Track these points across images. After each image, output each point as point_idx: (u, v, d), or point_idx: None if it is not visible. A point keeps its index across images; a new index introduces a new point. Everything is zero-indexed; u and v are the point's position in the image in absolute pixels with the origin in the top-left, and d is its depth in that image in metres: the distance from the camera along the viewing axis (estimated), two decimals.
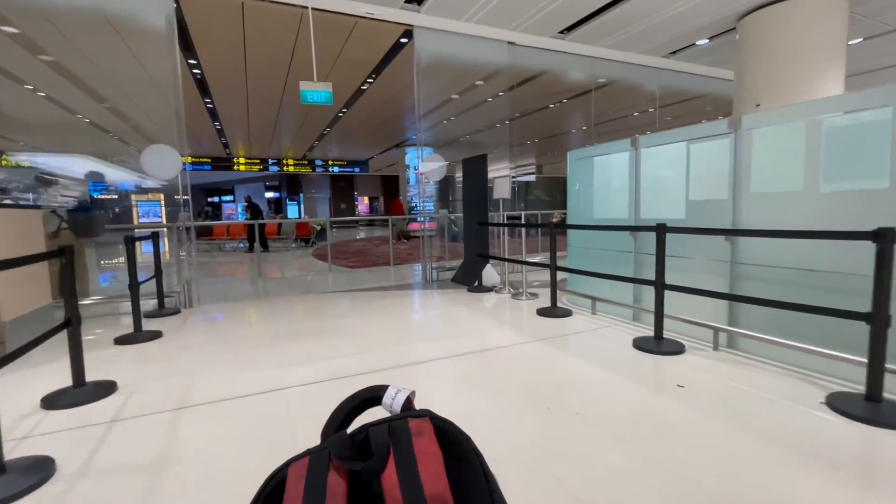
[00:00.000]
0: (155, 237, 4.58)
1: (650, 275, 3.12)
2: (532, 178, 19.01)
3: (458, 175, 6.31)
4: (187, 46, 6.36)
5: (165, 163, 4.73)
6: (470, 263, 5.88)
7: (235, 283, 6.54)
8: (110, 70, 6.60)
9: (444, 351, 3.07)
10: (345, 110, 10.41)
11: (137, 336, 3.53)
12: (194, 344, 3.47)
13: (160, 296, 4.57)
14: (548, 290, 5.07)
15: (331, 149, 17.09)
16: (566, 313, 4.03)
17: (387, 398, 0.60)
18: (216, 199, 31.76)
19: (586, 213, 4.31)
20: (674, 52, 7.18)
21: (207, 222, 15.25)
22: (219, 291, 5.81)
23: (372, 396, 0.61)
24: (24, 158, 13.99)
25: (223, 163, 17.62)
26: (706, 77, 7.98)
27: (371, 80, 8.14)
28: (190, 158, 17.06)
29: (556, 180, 23.59)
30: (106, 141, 10.43)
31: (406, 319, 4.13)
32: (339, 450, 0.53)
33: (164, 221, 6.16)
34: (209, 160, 17.32)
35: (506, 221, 5.22)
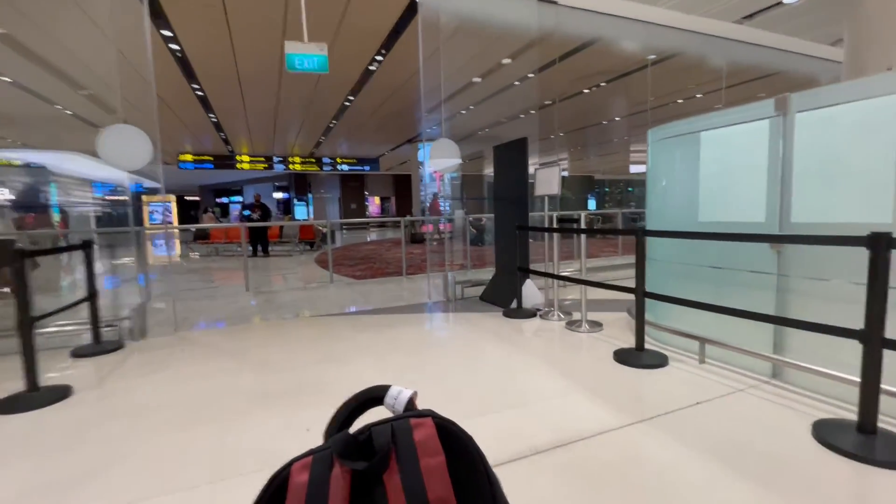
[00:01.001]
0: (86, 248, 3.41)
1: (813, 309, 1.85)
2: (565, 173, 17.70)
3: (474, 171, 5.03)
4: (156, 13, 5.23)
5: (130, 148, 3.60)
6: (504, 277, 4.62)
7: (214, 300, 5.39)
8: (69, 41, 5.53)
9: (496, 446, 1.83)
10: (352, 98, 9.25)
11: (20, 401, 2.36)
12: (104, 417, 2.28)
13: (95, 326, 3.41)
14: (610, 314, 3.79)
15: (339, 145, 15.98)
16: (660, 360, 2.76)
17: (389, 398, 0.60)
18: (225, 199, 31.10)
19: (682, 214, 3.03)
20: (750, 16, 5.84)
21: (193, 225, 14.24)
22: (188, 311, 4.66)
23: (374, 396, 0.61)
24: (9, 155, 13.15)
25: (226, 161, 16.64)
26: (785, 52, 6.59)
27: (380, 59, 6.95)
28: (190, 156, 16.13)
29: (575, 178, 22.19)
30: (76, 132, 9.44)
31: (423, 369, 2.89)
32: (342, 449, 0.53)
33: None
34: (211, 158, 16.36)
35: (555, 225, 3.95)
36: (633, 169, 19.62)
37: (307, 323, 4.09)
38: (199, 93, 8.38)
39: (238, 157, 16.80)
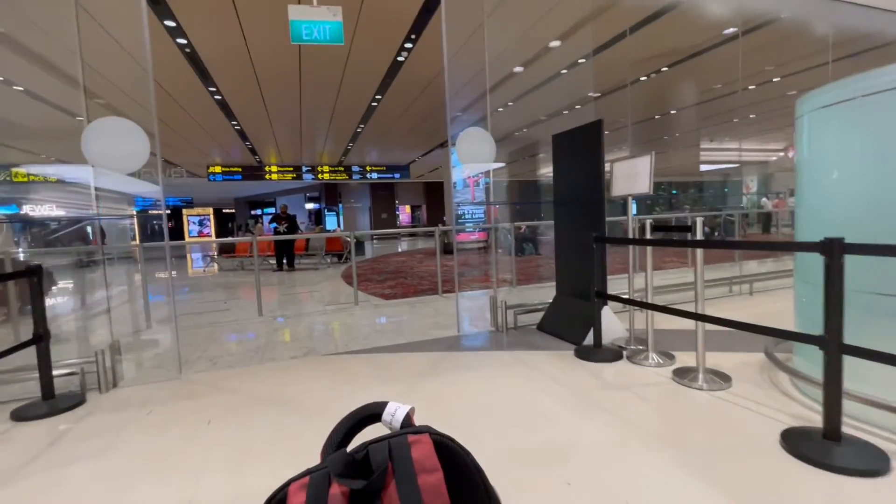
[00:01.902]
0: (33, 276, 2.62)
1: None
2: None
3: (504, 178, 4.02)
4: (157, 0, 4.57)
5: (122, 146, 2.87)
6: (570, 302, 3.59)
7: (218, 329, 4.60)
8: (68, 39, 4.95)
9: None
10: (379, 97, 8.47)
11: None
12: None
13: (44, 377, 2.62)
14: (729, 357, 2.69)
15: (368, 152, 15.35)
16: (877, 462, 1.66)
17: (386, 415, 0.59)
18: (259, 211, 31.34)
19: (869, 219, 1.93)
20: None
21: (202, 240, 13.79)
22: (183, 345, 3.86)
23: (372, 413, 0.60)
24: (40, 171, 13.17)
25: (254, 171, 16.33)
26: None
27: (409, 47, 6.10)
28: (220, 168, 15.90)
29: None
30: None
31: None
32: (339, 468, 0.52)
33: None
34: (240, 169, 16.08)
35: (650, 234, 2.87)
36: (704, 168, 18.00)
37: (320, 366, 3.19)
38: (218, 97, 7.82)
39: (267, 168, 16.46)
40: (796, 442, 1.78)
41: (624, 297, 3.11)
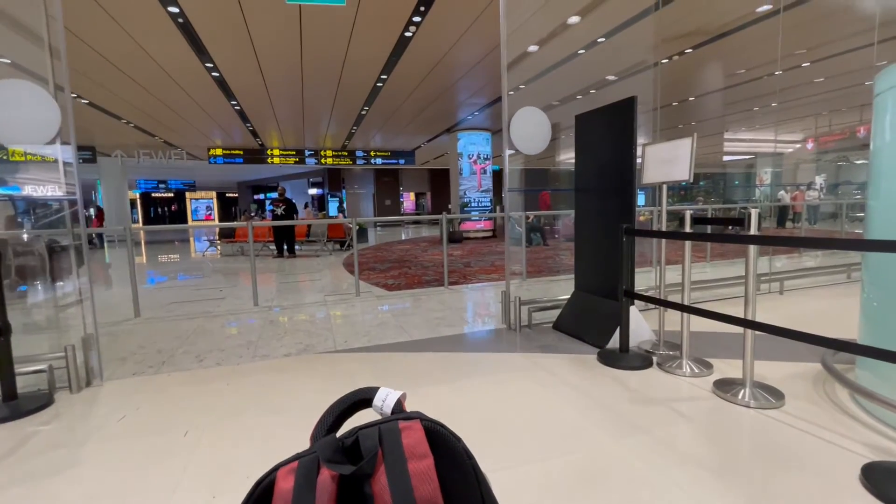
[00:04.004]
0: None
1: None
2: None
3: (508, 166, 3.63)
4: None
5: (24, 113, 2.51)
6: (591, 301, 3.27)
7: (210, 320, 4.32)
8: None
9: None
10: (384, 77, 8.06)
11: None
12: None
13: (4, 377, 2.33)
14: (774, 366, 2.37)
15: (372, 136, 14.92)
16: None
17: (377, 400, 0.59)
18: (262, 196, 31.02)
19: None
20: None
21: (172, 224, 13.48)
22: (170, 337, 3.58)
23: (362, 399, 0.60)
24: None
25: (256, 155, 15.94)
26: None
27: (418, 20, 5.69)
28: (220, 150, 15.53)
29: None
30: None
31: None
32: (329, 454, 0.52)
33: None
34: (241, 152, 15.70)
35: (690, 227, 2.52)
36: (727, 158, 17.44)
37: (315, 366, 2.90)
38: (215, 73, 7.45)
39: (269, 152, 16.07)
40: (885, 483, 1.47)
41: (654, 296, 2.79)
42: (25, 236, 6.61)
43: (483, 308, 4.43)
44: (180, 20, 5.35)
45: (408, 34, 6.07)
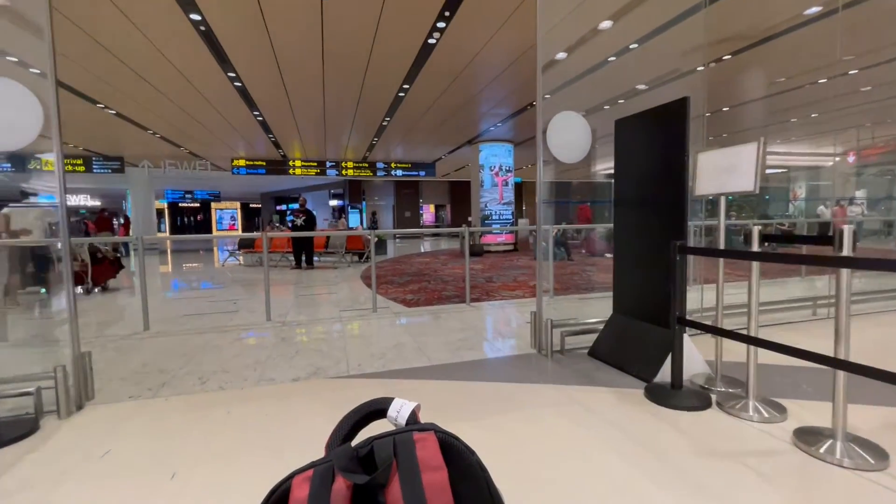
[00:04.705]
0: None
1: None
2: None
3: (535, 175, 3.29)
4: None
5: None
6: (636, 328, 2.90)
7: (221, 335, 4.10)
8: None
9: None
10: (406, 87, 7.91)
11: None
12: None
13: None
14: (869, 411, 1.97)
15: (393, 148, 14.84)
16: None
17: (392, 411, 0.59)
18: (284, 207, 31.43)
19: None
20: None
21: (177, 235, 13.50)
22: (176, 355, 3.36)
23: (377, 409, 0.60)
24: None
25: (278, 166, 16.06)
26: None
27: (442, 27, 5.50)
28: (244, 161, 15.70)
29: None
30: None
31: None
32: (344, 463, 0.52)
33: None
34: (263, 163, 15.84)
35: (757, 244, 2.14)
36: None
37: (324, 394, 2.61)
38: (238, 83, 7.42)
39: (291, 163, 16.17)
40: None
41: (705, 321, 2.42)
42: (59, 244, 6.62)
43: (509, 329, 4.09)
44: (202, 28, 5.29)
45: (431, 41, 5.88)
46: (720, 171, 2.47)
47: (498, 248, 13.26)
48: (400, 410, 0.59)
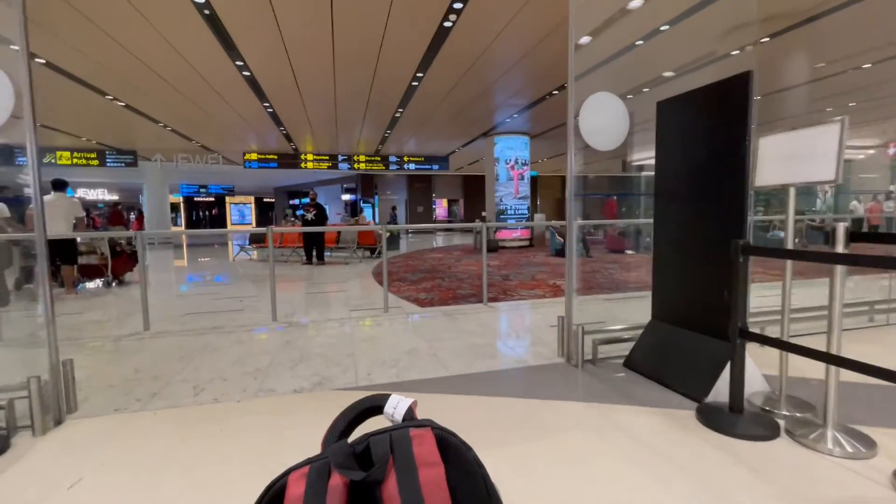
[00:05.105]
0: None
1: None
2: None
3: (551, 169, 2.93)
4: None
5: None
6: (683, 338, 2.55)
7: (222, 336, 3.86)
8: None
9: None
10: (420, 76, 7.58)
11: None
12: None
13: None
14: None
15: (406, 141, 14.54)
16: None
17: (388, 407, 0.59)
18: (297, 201, 31.43)
19: None
20: None
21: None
22: (174, 359, 3.12)
23: (374, 406, 0.60)
24: None
25: (290, 160, 15.89)
26: None
27: (458, 7, 5.15)
28: (255, 155, 15.55)
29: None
30: None
31: None
32: (340, 459, 0.52)
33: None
34: (275, 157, 15.68)
35: (843, 245, 1.79)
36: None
37: (329, 408, 2.32)
38: (246, 73, 7.17)
39: (302, 156, 15.98)
40: None
41: (775, 336, 2.06)
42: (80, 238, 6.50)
43: (531, 333, 3.77)
44: (207, 12, 5.02)
45: (447, 23, 5.53)
46: (789, 158, 2.10)
47: (513, 243, 12.89)
48: (397, 407, 0.58)
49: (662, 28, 5.72)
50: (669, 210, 2.71)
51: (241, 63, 6.76)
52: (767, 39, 6.16)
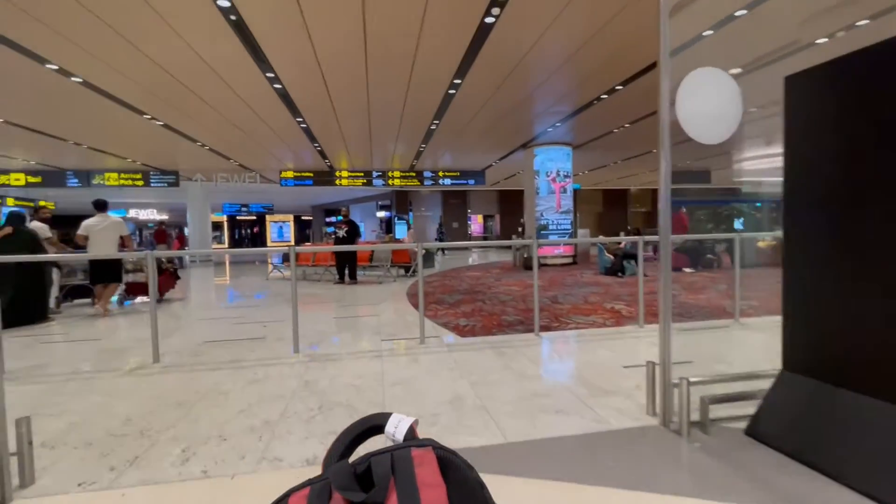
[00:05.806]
0: None
1: None
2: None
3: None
4: None
5: None
6: (857, 406, 1.77)
7: (235, 372, 3.35)
8: None
9: None
10: (458, 81, 7.08)
11: None
12: None
13: None
14: None
15: (441, 155, 14.11)
16: None
17: (389, 427, 0.58)
18: (333, 218, 31.76)
19: None
20: None
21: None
22: (163, 406, 2.61)
23: (375, 425, 0.59)
24: None
25: (325, 177, 15.80)
26: None
27: (496, 14, 4.60)
28: (292, 173, 15.57)
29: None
30: None
31: None
32: (341, 480, 0.50)
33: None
34: (311, 175, 15.64)
35: None
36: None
37: None
38: (278, 85, 6.90)
39: (337, 174, 15.87)
40: None
41: None
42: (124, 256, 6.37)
43: (602, 376, 3.03)
44: (233, 17, 4.71)
45: (489, 19, 4.98)
46: None
47: (555, 260, 12.06)
48: (398, 426, 0.56)
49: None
50: (811, 220, 1.97)
51: (271, 75, 6.49)
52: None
